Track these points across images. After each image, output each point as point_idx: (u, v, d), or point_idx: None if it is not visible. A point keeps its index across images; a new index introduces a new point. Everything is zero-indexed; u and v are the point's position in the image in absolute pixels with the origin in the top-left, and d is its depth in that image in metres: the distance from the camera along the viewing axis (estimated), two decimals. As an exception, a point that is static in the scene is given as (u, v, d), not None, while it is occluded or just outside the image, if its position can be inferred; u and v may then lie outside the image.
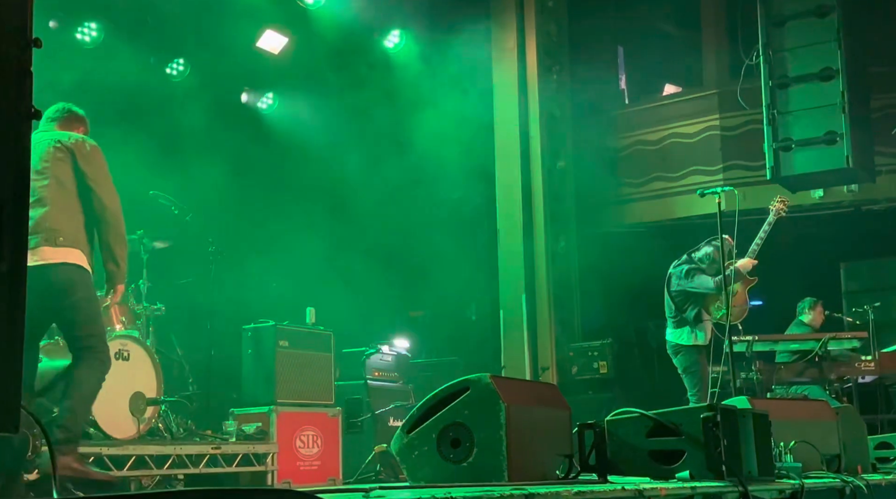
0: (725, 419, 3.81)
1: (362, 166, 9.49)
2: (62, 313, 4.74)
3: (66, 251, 4.65)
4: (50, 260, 4.60)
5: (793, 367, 8.02)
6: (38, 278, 4.43)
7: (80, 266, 4.70)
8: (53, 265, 4.60)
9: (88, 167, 4.83)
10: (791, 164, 8.31)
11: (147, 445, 5.98)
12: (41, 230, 4.62)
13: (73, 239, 4.69)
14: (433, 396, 3.90)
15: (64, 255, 4.64)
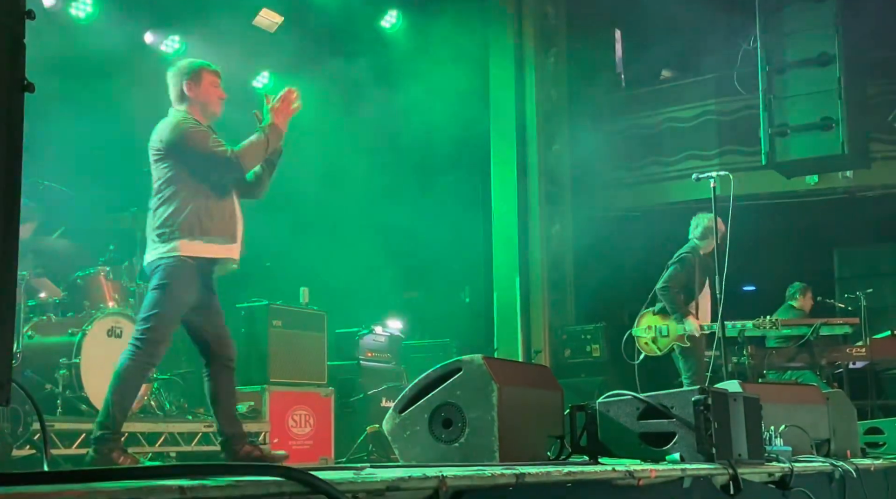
0: (716, 402, 3.83)
1: (357, 146, 9.46)
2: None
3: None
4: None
5: (784, 352, 8.05)
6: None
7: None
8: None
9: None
10: (786, 149, 8.31)
11: (139, 422, 5.99)
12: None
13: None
14: (425, 376, 3.91)
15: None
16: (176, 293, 4.47)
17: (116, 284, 6.45)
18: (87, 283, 6.31)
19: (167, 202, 4.53)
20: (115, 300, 6.37)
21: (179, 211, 4.49)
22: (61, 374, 5.65)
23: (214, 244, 4.56)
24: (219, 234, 4.57)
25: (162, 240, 4.51)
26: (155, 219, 4.56)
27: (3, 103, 1.83)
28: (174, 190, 4.53)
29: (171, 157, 4.56)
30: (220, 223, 4.58)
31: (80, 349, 5.73)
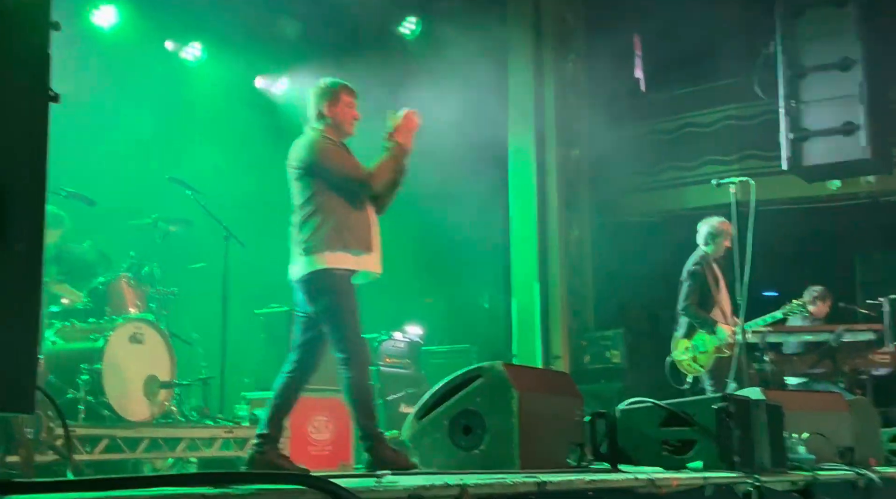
0: (738, 410, 3.81)
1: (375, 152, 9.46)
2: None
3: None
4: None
5: (806, 358, 7.98)
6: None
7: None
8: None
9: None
10: (808, 154, 8.25)
11: (160, 428, 6.03)
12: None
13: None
14: (446, 383, 3.92)
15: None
16: (348, 304, 4.62)
17: (138, 290, 6.49)
18: (109, 289, 6.35)
19: (309, 218, 4.68)
20: (137, 306, 6.41)
21: (321, 225, 4.64)
22: (83, 379, 5.69)
23: (354, 256, 4.68)
24: (358, 246, 4.70)
25: (307, 253, 4.65)
26: (300, 234, 4.72)
27: (30, 114, 1.85)
28: (315, 206, 4.69)
29: (309, 175, 4.72)
30: (359, 235, 4.71)
31: (102, 355, 5.77)
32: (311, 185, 4.72)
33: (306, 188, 4.73)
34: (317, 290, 4.63)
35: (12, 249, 1.78)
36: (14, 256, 1.78)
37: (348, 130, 4.94)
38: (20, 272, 1.79)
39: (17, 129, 1.83)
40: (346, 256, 4.63)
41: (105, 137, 7.56)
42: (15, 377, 1.76)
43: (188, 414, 6.50)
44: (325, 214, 4.65)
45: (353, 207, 4.73)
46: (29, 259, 1.83)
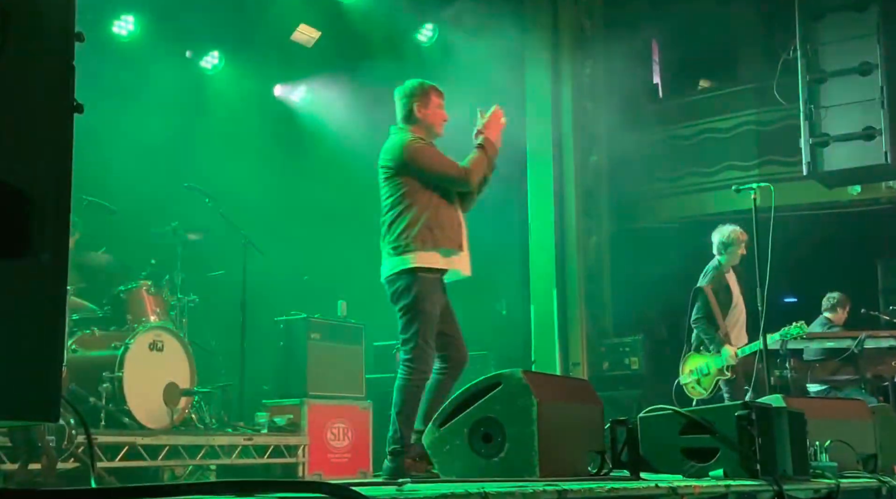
0: (760, 417, 3.78)
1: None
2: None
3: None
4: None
5: (828, 365, 7.92)
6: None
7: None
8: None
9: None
10: (828, 159, 8.18)
11: (180, 435, 6.05)
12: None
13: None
14: (465, 390, 3.91)
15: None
16: (425, 308, 4.65)
17: (158, 298, 6.53)
18: (130, 297, 6.39)
19: (400, 217, 4.71)
20: (157, 314, 6.44)
21: (412, 224, 4.67)
22: (104, 387, 5.72)
23: (444, 255, 4.72)
24: (448, 245, 4.73)
25: (397, 253, 4.69)
26: (389, 233, 4.76)
27: (54, 124, 1.86)
28: (406, 205, 4.72)
29: (401, 174, 4.75)
30: (450, 233, 4.74)
31: (122, 363, 5.81)
32: (402, 184, 4.74)
33: (397, 188, 4.76)
34: (400, 289, 4.67)
35: (37, 259, 1.79)
36: (39, 265, 1.79)
37: (438, 131, 4.98)
38: (45, 282, 1.80)
39: (42, 139, 1.85)
40: (435, 256, 4.67)
41: (125, 146, 7.62)
42: (40, 386, 1.77)
43: (208, 421, 6.53)
44: (416, 213, 4.69)
45: (444, 206, 4.76)
46: (53, 269, 1.84)
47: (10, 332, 1.73)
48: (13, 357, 1.73)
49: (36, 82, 1.85)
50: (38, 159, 1.82)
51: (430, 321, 4.66)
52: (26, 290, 1.78)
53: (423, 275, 4.65)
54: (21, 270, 1.78)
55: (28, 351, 1.77)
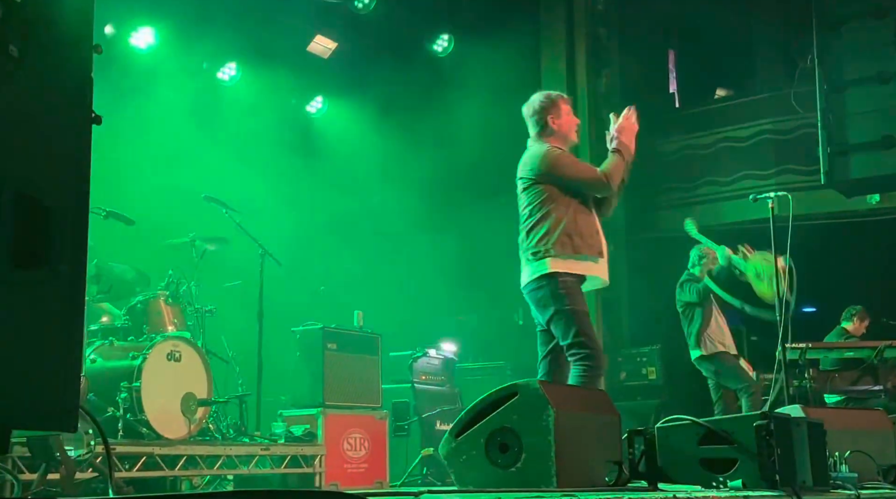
0: (779, 428, 3.75)
1: (409, 170, 9.52)
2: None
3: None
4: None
5: (847, 375, 7.86)
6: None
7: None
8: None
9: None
10: (846, 168, 8.17)
11: (198, 445, 6.05)
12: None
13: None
14: (482, 400, 3.90)
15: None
16: (576, 307, 4.68)
17: (175, 308, 6.55)
18: (148, 307, 6.41)
19: (539, 224, 4.77)
20: (175, 324, 6.46)
21: (551, 231, 4.72)
22: (122, 397, 5.74)
23: (583, 261, 4.75)
24: (587, 251, 4.75)
25: (536, 258, 4.73)
26: (528, 240, 4.82)
27: (73, 136, 1.88)
28: (544, 212, 4.77)
29: (541, 183, 4.81)
30: (589, 240, 4.77)
31: (140, 373, 5.82)
32: (541, 192, 4.80)
33: (536, 196, 4.82)
34: (545, 295, 4.71)
35: (56, 270, 1.80)
36: (58, 276, 1.81)
37: (573, 137, 5.05)
38: (64, 293, 1.82)
39: (61, 151, 1.87)
40: (574, 262, 4.71)
41: (143, 157, 7.67)
42: (59, 397, 1.79)
43: (225, 431, 6.54)
44: (554, 220, 4.74)
45: (583, 213, 4.80)
46: (72, 280, 1.85)
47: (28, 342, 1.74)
48: (32, 367, 1.74)
49: (55, 94, 1.87)
50: (57, 171, 1.84)
51: (585, 318, 4.70)
52: (45, 300, 1.79)
53: (563, 278, 4.68)
54: (40, 281, 1.79)
55: (46, 361, 1.78)
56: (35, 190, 1.77)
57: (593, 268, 4.77)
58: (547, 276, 4.69)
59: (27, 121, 1.79)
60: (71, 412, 1.82)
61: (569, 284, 4.68)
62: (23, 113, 1.78)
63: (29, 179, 1.77)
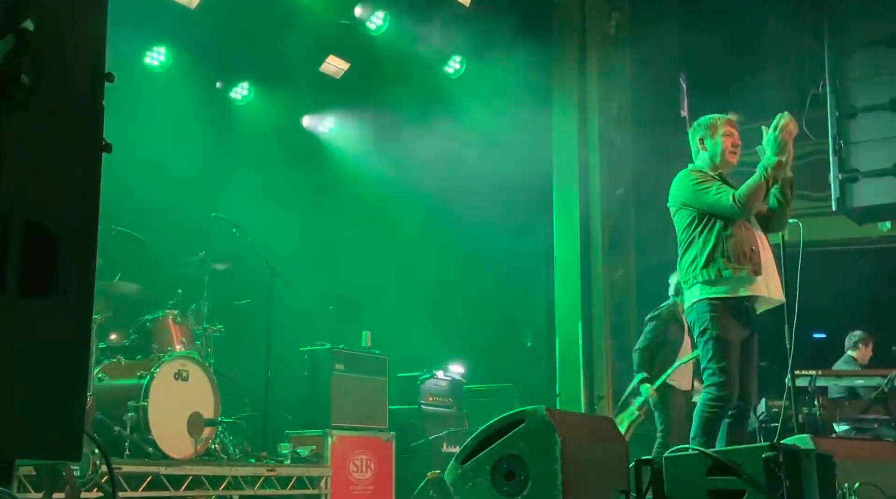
0: (788, 460, 3.72)
1: (418, 190, 9.53)
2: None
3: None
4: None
5: (857, 403, 7.79)
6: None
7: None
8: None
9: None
10: (857, 195, 8.10)
11: (204, 465, 6.05)
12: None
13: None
14: (488, 426, 3.88)
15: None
16: (722, 336, 4.68)
17: (184, 327, 6.56)
18: (156, 326, 6.43)
19: (686, 252, 4.88)
20: (183, 343, 6.47)
21: (698, 257, 4.79)
22: (129, 416, 5.74)
23: (732, 283, 4.73)
24: (736, 272, 4.72)
25: (687, 287, 4.85)
26: (681, 268, 4.92)
27: (82, 164, 1.89)
28: (690, 240, 4.86)
29: (681, 211, 4.94)
30: (736, 261, 4.73)
31: (148, 392, 5.83)
32: (683, 219, 4.91)
33: (681, 223, 4.93)
34: (693, 320, 4.79)
35: (64, 298, 1.81)
36: (65, 304, 1.81)
37: (728, 158, 5.09)
38: (71, 321, 1.82)
39: (70, 179, 1.87)
40: (723, 285, 4.71)
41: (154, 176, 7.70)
42: (63, 426, 1.78)
43: (231, 452, 6.53)
44: (700, 246, 4.79)
45: (733, 232, 4.78)
46: (79, 308, 1.85)
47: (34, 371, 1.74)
48: (37, 396, 1.74)
49: (66, 123, 1.88)
50: (67, 199, 1.84)
51: (729, 349, 4.68)
52: (52, 328, 1.80)
53: (714, 303, 4.70)
54: (47, 309, 1.79)
55: (52, 390, 1.78)
56: (44, 218, 1.78)
57: (750, 287, 4.76)
58: (697, 303, 4.85)
59: (38, 149, 1.80)
60: (76, 442, 1.82)
61: (715, 309, 4.76)
62: (34, 141, 1.79)
63: (38, 207, 1.77)
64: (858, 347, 8.68)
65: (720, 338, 4.64)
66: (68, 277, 1.82)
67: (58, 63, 1.86)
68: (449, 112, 10.01)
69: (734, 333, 4.68)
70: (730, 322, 4.68)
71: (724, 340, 4.64)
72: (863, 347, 8.67)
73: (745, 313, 4.76)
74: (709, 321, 4.67)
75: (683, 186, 4.91)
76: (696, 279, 4.74)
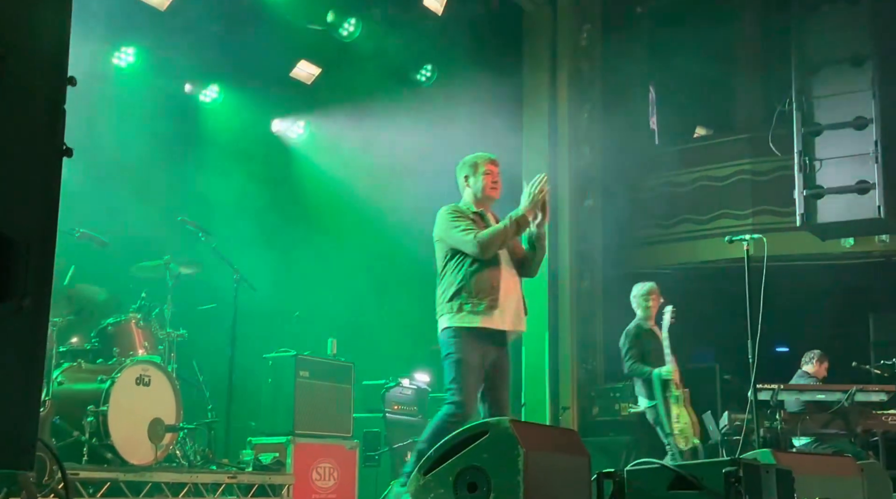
0: (748, 474, 3.74)
1: (389, 199, 9.50)
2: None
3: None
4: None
5: (818, 418, 7.88)
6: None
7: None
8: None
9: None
10: (822, 211, 8.21)
11: (164, 471, 5.98)
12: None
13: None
14: (451, 437, 3.86)
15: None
16: (462, 359, 5.00)
17: (147, 331, 6.49)
18: (118, 330, 6.35)
19: (441, 283, 5.17)
20: (146, 348, 6.40)
21: (447, 290, 5.10)
22: (88, 421, 5.66)
23: (473, 315, 5.02)
24: (478, 306, 5.02)
25: (438, 315, 5.15)
26: (436, 298, 5.21)
27: (42, 170, 1.85)
28: (444, 272, 5.18)
29: (439, 243, 5.23)
30: (481, 296, 5.02)
31: (108, 397, 5.75)
32: (441, 250, 5.21)
33: (439, 254, 5.23)
34: (442, 344, 5.11)
35: (20, 305, 1.77)
36: (21, 311, 1.77)
37: (489, 193, 5.36)
38: (26, 328, 1.78)
39: (29, 184, 1.84)
40: (464, 315, 5.01)
41: (119, 178, 7.62)
42: (16, 435, 1.74)
43: (192, 458, 6.45)
44: (451, 278, 5.10)
45: (476, 268, 5.06)
46: (35, 315, 1.82)
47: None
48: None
49: (26, 126, 1.85)
50: (25, 204, 1.81)
51: (468, 370, 4.99)
52: (6, 335, 1.76)
53: (456, 331, 5.03)
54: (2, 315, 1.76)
55: (4, 397, 1.74)
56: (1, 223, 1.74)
57: (486, 321, 5.04)
58: (445, 330, 5.14)
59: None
60: (28, 451, 1.78)
61: (460, 339, 5.06)
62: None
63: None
64: (813, 363, 8.79)
65: (461, 360, 4.96)
66: (25, 283, 1.79)
67: (19, 65, 1.82)
68: (420, 120, 10.01)
69: (474, 358, 5.00)
70: (470, 347, 4.99)
71: (464, 363, 4.96)
72: (817, 363, 8.78)
73: (487, 340, 5.05)
74: (452, 346, 4.99)
75: (441, 222, 5.20)
76: (443, 310, 5.07)
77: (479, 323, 5.02)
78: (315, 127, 10.29)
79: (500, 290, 5.08)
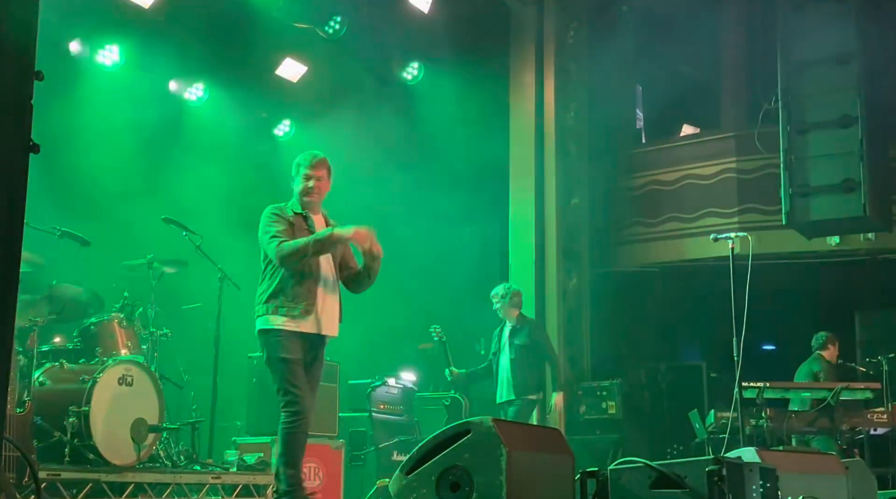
0: (731, 473, 3.73)
1: (375, 198, 9.47)
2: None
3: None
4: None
5: (804, 416, 7.89)
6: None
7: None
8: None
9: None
10: (807, 210, 8.23)
11: (146, 472, 5.94)
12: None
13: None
14: (434, 437, 3.84)
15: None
16: (286, 358, 4.97)
17: (130, 331, 6.44)
18: (101, 329, 6.30)
19: (261, 283, 5.13)
20: (129, 347, 6.35)
21: (265, 291, 5.08)
22: (70, 421, 5.61)
23: (287, 319, 4.99)
24: (293, 310, 4.99)
25: (256, 315, 5.07)
26: (254, 297, 5.16)
27: (7, 165, 1.82)
28: (264, 273, 5.15)
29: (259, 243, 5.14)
30: (296, 301, 5.00)
31: (90, 397, 5.71)
32: (262, 250, 5.16)
33: (261, 254, 5.18)
34: (262, 346, 5.08)
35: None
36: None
37: (308, 198, 5.31)
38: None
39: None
40: (279, 317, 4.98)
41: (102, 177, 7.56)
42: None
43: (176, 459, 6.41)
44: (269, 280, 5.08)
45: (292, 273, 5.03)
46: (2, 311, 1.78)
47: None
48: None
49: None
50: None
51: (294, 369, 4.96)
52: (-29, 335, 1.72)
53: (275, 331, 4.97)
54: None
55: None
56: (-36, 220, 1.71)
57: (299, 325, 5.01)
58: (259, 331, 5.12)
59: (-40, 148, 1.73)
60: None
61: (278, 336, 5.03)
62: (-44, 140, 1.72)
63: (-42, 208, 1.70)
64: (827, 347, 8.79)
65: (285, 359, 4.93)
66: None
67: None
68: (406, 118, 9.98)
69: (294, 357, 4.98)
70: (290, 347, 4.96)
71: (288, 362, 4.93)
72: (831, 346, 8.79)
73: (301, 342, 5.02)
74: (272, 346, 4.96)
75: (261, 222, 5.16)
76: (260, 311, 5.02)
77: (293, 326, 4.98)
78: (301, 125, 10.25)
79: (318, 296, 5.06)
